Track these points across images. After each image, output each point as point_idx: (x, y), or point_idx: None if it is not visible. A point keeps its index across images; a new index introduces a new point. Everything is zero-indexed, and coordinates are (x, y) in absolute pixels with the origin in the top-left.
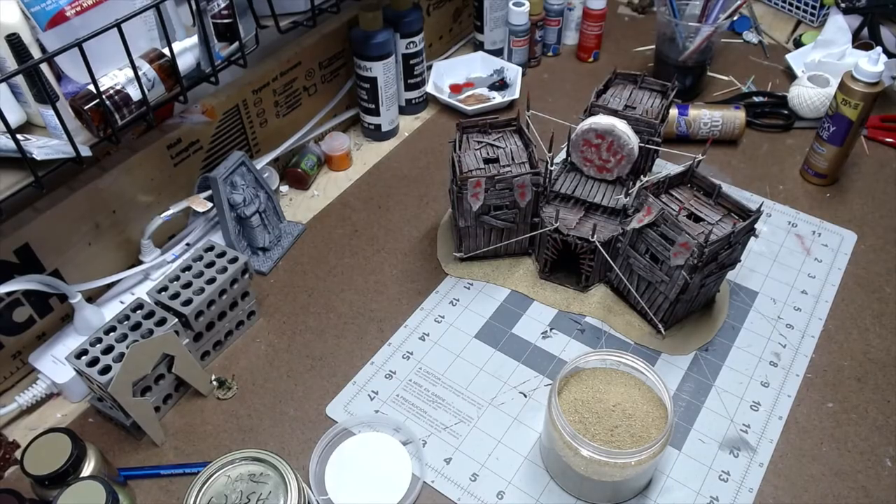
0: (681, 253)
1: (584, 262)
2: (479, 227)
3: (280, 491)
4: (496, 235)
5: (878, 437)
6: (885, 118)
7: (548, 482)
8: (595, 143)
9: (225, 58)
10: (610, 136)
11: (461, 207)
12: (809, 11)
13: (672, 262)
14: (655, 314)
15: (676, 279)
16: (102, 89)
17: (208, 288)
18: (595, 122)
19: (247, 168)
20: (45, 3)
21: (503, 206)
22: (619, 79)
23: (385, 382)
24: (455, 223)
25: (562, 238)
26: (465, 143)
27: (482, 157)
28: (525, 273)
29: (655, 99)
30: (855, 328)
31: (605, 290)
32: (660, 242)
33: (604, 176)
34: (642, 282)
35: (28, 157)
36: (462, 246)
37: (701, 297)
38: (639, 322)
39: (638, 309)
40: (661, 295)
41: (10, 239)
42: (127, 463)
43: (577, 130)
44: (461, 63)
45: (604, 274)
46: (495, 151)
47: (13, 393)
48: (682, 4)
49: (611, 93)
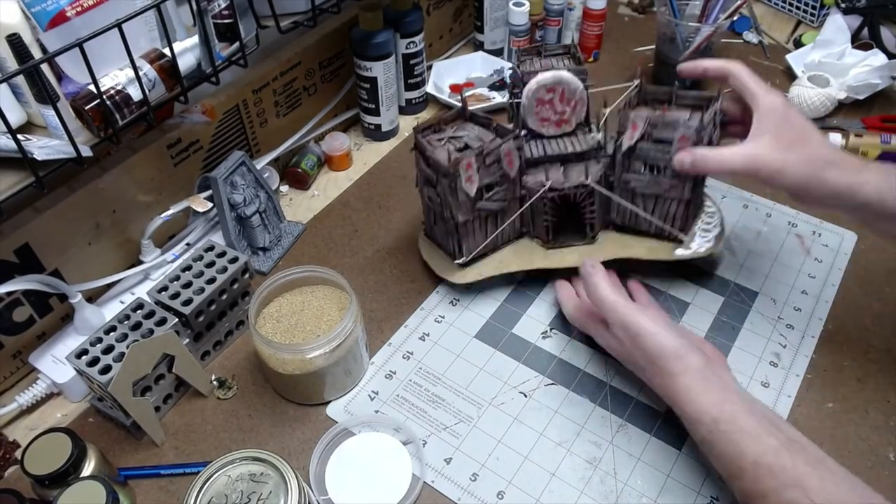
0: (683, 147)
1: (586, 209)
2: (476, 220)
3: (280, 491)
4: (491, 224)
5: (878, 437)
6: (885, 118)
7: (548, 482)
8: (547, 98)
9: (226, 58)
10: (559, 84)
11: (456, 200)
12: (809, 11)
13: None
14: (673, 225)
15: (686, 176)
16: (103, 89)
17: (208, 288)
18: (540, 79)
19: (247, 168)
20: (46, 3)
21: (494, 183)
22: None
23: (385, 382)
24: (449, 225)
25: (559, 195)
26: (427, 145)
27: (454, 150)
28: (531, 250)
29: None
30: (855, 328)
31: (612, 234)
32: (657, 150)
33: (563, 129)
34: (648, 200)
35: (29, 157)
36: (462, 249)
37: (701, 189)
38: (657, 243)
39: (652, 232)
40: (672, 202)
41: (10, 239)
42: (127, 463)
43: (527, 94)
44: (461, 63)
45: (604, 218)
46: (461, 141)
47: (13, 393)
48: (682, 4)
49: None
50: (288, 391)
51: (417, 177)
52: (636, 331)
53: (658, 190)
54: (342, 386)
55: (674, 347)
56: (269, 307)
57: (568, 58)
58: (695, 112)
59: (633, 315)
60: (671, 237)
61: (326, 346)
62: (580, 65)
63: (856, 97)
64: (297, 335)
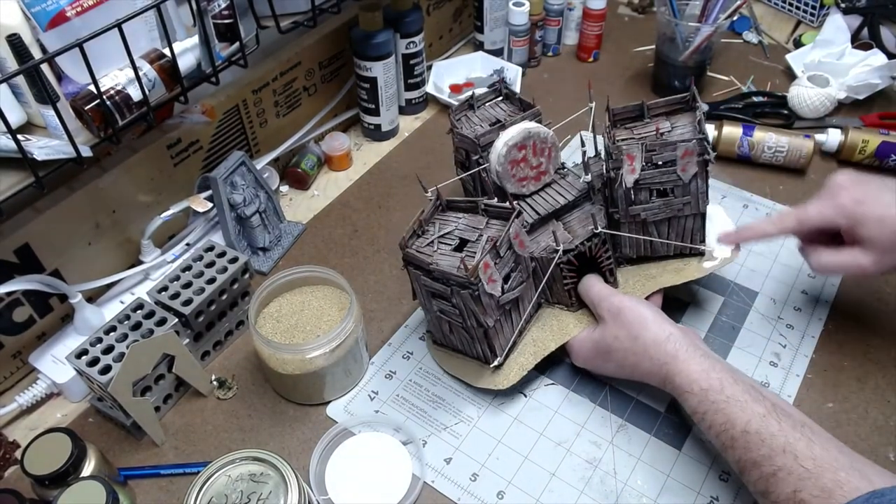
0: (688, 161)
1: (603, 259)
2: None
3: (280, 491)
4: (514, 311)
5: (878, 437)
6: (884, 115)
7: (548, 482)
8: (520, 157)
9: (226, 58)
10: (528, 139)
11: (482, 306)
12: (809, 11)
13: (686, 176)
14: (692, 240)
15: (698, 188)
16: (103, 90)
17: (208, 288)
18: (508, 139)
19: (247, 168)
20: (46, 3)
21: (511, 271)
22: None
23: (385, 382)
24: (475, 332)
25: (573, 255)
26: (424, 258)
27: (455, 255)
28: (559, 319)
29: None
30: (855, 328)
31: (628, 268)
32: (661, 173)
33: (543, 181)
34: (661, 224)
35: (29, 157)
36: (495, 349)
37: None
38: (680, 262)
39: (671, 254)
40: (687, 218)
41: (10, 239)
42: (127, 463)
43: (497, 160)
44: (461, 63)
45: (615, 257)
46: (453, 237)
47: (13, 393)
48: (682, 4)
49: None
50: (288, 391)
51: (417, 292)
52: (619, 307)
53: (671, 212)
54: (342, 386)
55: (656, 318)
56: (269, 307)
57: (503, 101)
58: (675, 116)
59: (617, 296)
60: (691, 252)
61: (326, 346)
62: (523, 103)
63: (855, 97)
64: (297, 335)
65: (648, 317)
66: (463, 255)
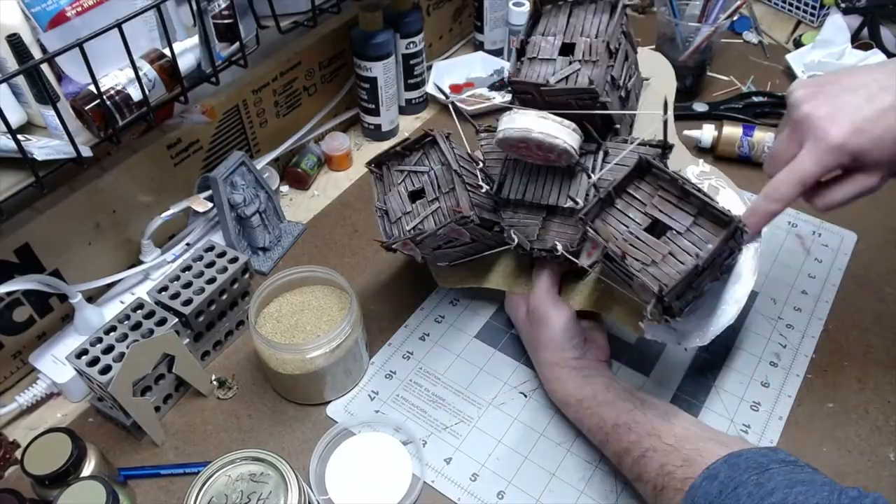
0: (644, 289)
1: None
2: (439, 256)
3: (280, 491)
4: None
5: (878, 437)
6: None
7: (548, 482)
8: (521, 146)
9: (226, 58)
10: (528, 142)
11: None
12: (809, 11)
13: (640, 296)
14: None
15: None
16: (103, 89)
17: (208, 288)
18: (506, 132)
19: (247, 168)
20: (46, 3)
21: (451, 240)
22: (549, 1)
23: (385, 382)
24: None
25: (566, 256)
26: (389, 178)
27: (407, 194)
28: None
29: (601, 18)
30: (855, 328)
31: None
32: (621, 274)
33: (552, 163)
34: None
35: (29, 157)
36: (438, 266)
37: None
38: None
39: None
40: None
41: (10, 239)
42: (127, 463)
43: (495, 143)
44: (461, 63)
45: None
46: (419, 180)
47: (13, 393)
48: (682, 4)
49: (543, 26)
50: (288, 391)
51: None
52: (538, 317)
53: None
54: (342, 386)
55: (559, 342)
56: (269, 307)
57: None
58: (701, 219)
59: (543, 304)
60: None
61: (326, 346)
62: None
63: None
64: (297, 335)
65: (555, 341)
66: (397, 212)
